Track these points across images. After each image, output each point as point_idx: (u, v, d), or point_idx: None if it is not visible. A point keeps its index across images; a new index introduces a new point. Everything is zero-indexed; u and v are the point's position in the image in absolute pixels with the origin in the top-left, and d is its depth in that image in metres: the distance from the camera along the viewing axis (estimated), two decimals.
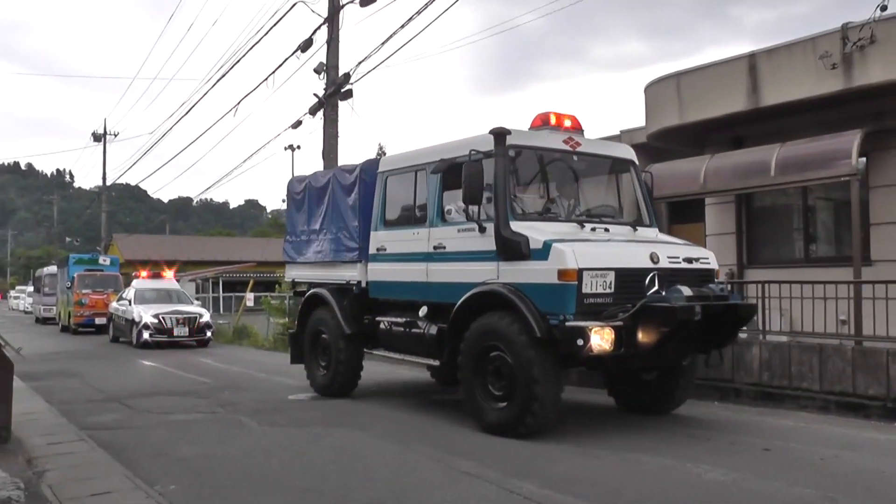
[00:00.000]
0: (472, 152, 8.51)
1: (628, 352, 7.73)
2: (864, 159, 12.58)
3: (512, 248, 8.23)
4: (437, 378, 12.37)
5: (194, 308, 23.38)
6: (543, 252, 7.93)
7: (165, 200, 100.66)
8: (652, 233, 9.55)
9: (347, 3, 18.62)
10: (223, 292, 43.42)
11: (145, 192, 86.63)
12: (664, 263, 8.26)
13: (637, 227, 9.42)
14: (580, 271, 7.69)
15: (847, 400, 9.65)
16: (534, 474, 6.57)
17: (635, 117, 36.82)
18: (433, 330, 9.44)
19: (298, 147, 47.96)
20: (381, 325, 10.53)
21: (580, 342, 7.50)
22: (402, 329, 10.07)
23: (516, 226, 8.35)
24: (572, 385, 10.72)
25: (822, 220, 14.50)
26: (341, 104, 19.07)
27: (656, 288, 8.05)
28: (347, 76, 18.57)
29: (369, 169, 10.94)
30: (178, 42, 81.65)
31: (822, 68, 12.44)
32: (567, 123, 9.43)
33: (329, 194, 11.81)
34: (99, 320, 28.18)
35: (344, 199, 11.40)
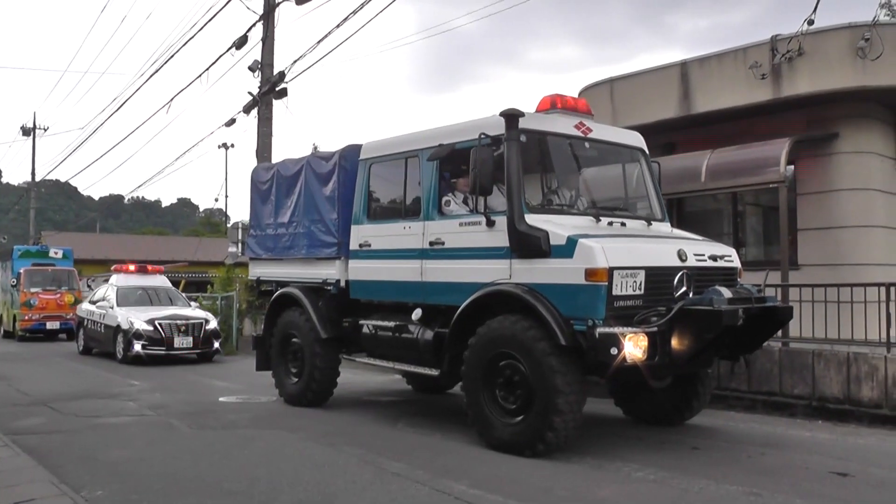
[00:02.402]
0: (482, 136, 7.68)
1: (662, 361, 7.04)
2: (791, 167, 12.92)
3: (529, 244, 7.40)
4: (414, 384, 12.02)
5: (197, 312, 18.98)
6: (567, 249, 7.12)
7: (96, 198, 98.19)
8: (666, 227, 8.86)
9: (283, 1, 18.52)
10: None
11: (76, 188, 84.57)
12: (692, 262, 7.56)
13: (651, 222, 8.67)
14: (610, 270, 6.90)
15: (774, 399, 9.90)
16: (464, 475, 6.58)
17: None
18: (429, 335, 8.57)
19: (232, 145, 47.60)
20: (365, 330, 9.56)
21: (614, 351, 6.74)
22: (390, 334, 9.11)
23: (532, 219, 7.50)
24: None
25: (752, 225, 14.84)
26: (276, 103, 18.97)
27: (685, 289, 7.40)
28: (282, 75, 18.47)
29: (350, 155, 9.98)
30: (110, 35, 79.92)
31: (753, 78, 12.75)
32: (574, 108, 8.56)
33: (301, 183, 10.79)
34: (51, 324, 24.57)
35: (320, 188, 10.40)
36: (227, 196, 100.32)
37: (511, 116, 7.70)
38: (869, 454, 7.70)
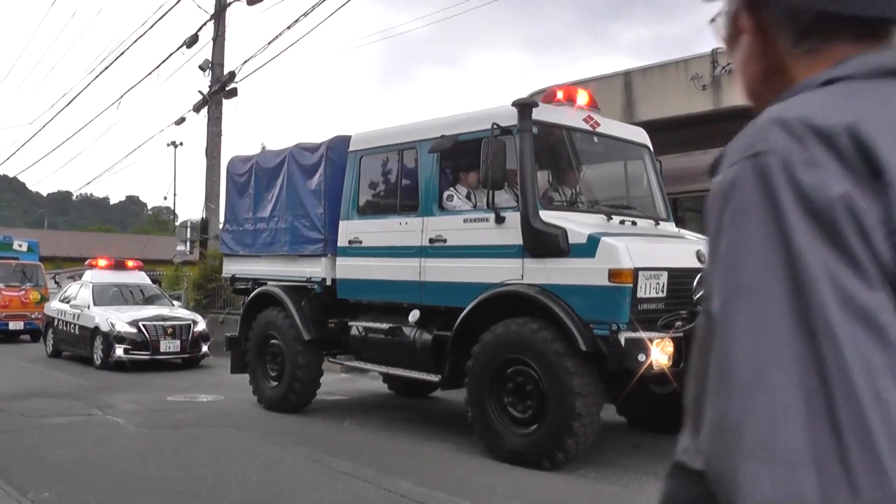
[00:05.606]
0: (494, 126, 7.27)
1: (686, 368, 6.84)
2: None
3: (546, 243, 6.97)
4: (394, 388, 11.62)
5: (183, 312, 16.86)
6: (588, 247, 6.72)
7: (44, 194, 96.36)
8: (672, 227, 8.54)
9: (234, 2, 18.59)
10: None
11: (24, 184, 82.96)
12: None
13: (658, 222, 8.32)
14: (636, 271, 6.50)
15: None
16: (410, 473, 6.72)
17: None
18: (427, 338, 8.10)
19: (181, 144, 46.99)
20: (354, 331, 9.08)
21: (641, 357, 6.33)
22: (383, 336, 8.59)
23: (545, 215, 7.12)
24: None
25: (691, 230, 15.25)
26: (226, 102, 19.00)
27: (703, 292, 7.15)
28: (233, 75, 18.52)
29: (338, 146, 9.47)
30: (60, 29, 78.40)
31: (694, 89, 13.14)
32: (581, 101, 8.17)
33: (283, 176, 10.25)
34: (14, 325, 21.61)
35: (304, 181, 9.85)
36: (175, 194, 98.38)
37: (524, 106, 7.38)
38: None
